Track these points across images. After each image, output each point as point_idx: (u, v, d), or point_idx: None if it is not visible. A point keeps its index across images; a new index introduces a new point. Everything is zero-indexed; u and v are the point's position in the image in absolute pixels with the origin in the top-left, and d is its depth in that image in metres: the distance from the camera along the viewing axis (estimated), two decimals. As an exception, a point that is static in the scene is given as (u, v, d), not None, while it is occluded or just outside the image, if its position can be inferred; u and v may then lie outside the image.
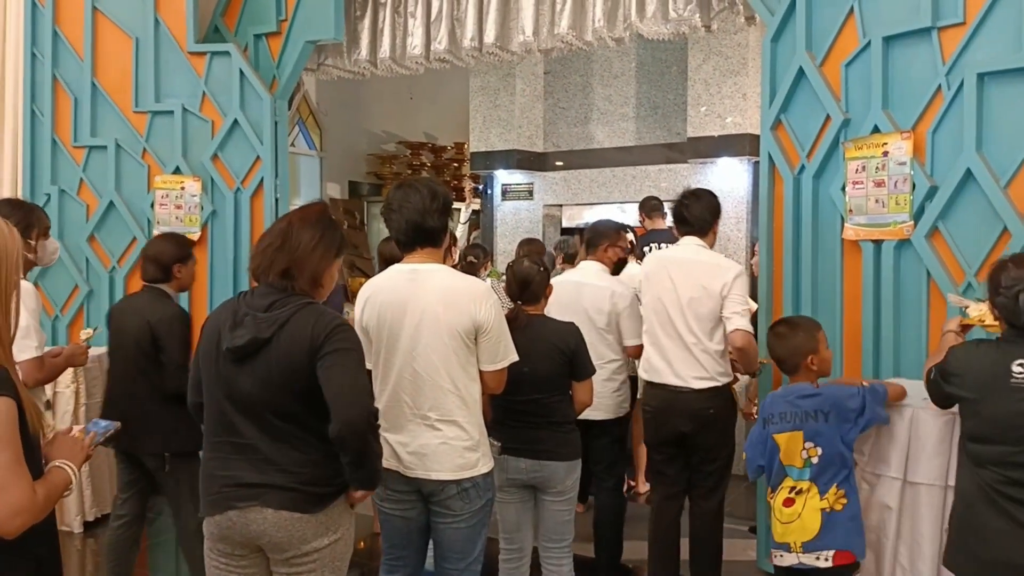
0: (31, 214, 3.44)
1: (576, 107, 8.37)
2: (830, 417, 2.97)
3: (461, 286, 2.85)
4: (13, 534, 1.79)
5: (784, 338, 3.14)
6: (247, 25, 5.74)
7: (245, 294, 2.43)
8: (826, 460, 2.97)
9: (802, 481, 2.99)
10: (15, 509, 1.78)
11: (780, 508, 3.02)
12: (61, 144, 5.86)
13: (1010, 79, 3.37)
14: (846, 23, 3.89)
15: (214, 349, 2.40)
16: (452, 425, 2.79)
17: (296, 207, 2.52)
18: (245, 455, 2.35)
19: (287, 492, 2.32)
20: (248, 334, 2.32)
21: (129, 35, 5.70)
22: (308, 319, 2.34)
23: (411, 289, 2.81)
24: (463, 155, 11.03)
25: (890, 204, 3.71)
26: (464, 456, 2.80)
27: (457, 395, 2.80)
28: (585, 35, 5.25)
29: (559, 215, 8.57)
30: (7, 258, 1.86)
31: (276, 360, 2.31)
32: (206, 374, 2.44)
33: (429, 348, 2.77)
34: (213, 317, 2.48)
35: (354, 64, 6.13)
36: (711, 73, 7.08)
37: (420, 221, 2.81)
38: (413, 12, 5.81)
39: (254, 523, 2.33)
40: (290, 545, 2.34)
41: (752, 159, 6.88)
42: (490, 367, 2.86)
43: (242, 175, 5.57)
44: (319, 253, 2.43)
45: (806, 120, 4.09)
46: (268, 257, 2.39)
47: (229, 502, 2.35)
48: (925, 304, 3.66)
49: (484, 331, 2.80)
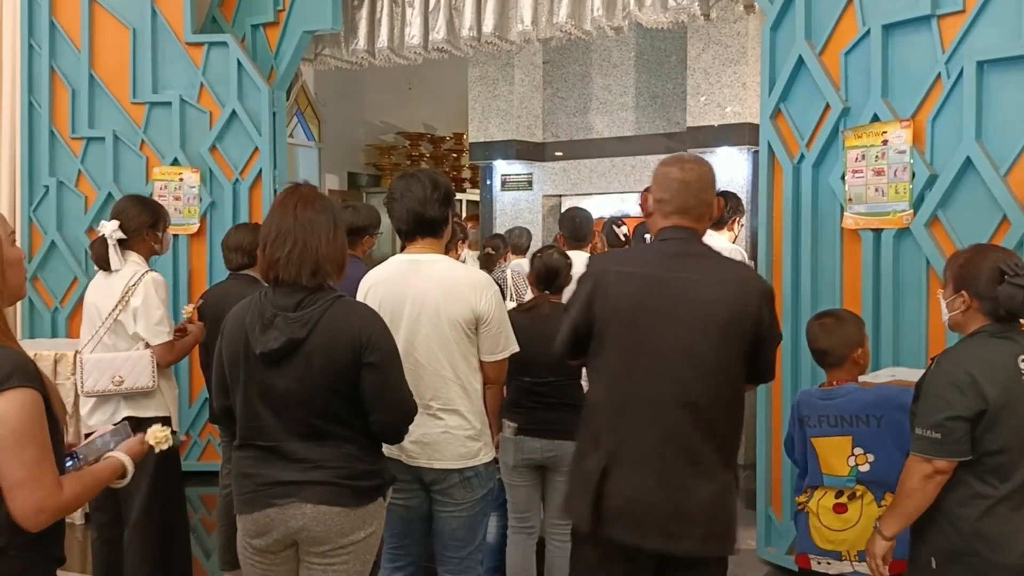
0: (159, 209, 3.65)
1: (575, 97, 8.35)
2: (883, 422, 2.74)
3: (461, 276, 2.84)
4: (34, 530, 1.78)
5: (832, 329, 2.91)
6: (244, 15, 5.73)
7: (266, 292, 2.38)
8: (879, 467, 2.75)
9: (847, 487, 2.81)
10: (39, 506, 1.75)
11: (829, 515, 2.83)
12: (59, 136, 5.85)
13: (1010, 67, 3.36)
14: (845, 11, 3.88)
15: (242, 352, 2.36)
16: (454, 414, 2.79)
17: (284, 192, 2.43)
18: (281, 455, 2.34)
19: (327, 487, 2.32)
20: (283, 336, 2.29)
21: (126, 26, 5.68)
22: (345, 316, 2.33)
23: (411, 279, 2.81)
24: (462, 145, 11.01)
25: (890, 193, 3.71)
26: (466, 445, 2.80)
27: (459, 384, 2.80)
28: (584, 24, 5.24)
29: (558, 205, 8.56)
30: None
31: (316, 359, 2.29)
32: (235, 378, 2.39)
33: (430, 338, 2.77)
34: (234, 320, 2.41)
35: (352, 54, 6.12)
36: (710, 62, 7.07)
37: (421, 211, 2.80)
38: (411, 2, 5.80)
39: (293, 519, 2.33)
40: (328, 539, 2.34)
41: (752, 148, 6.87)
42: (491, 358, 2.86)
43: (240, 166, 5.57)
44: (339, 239, 2.39)
45: (806, 109, 4.08)
46: (294, 263, 2.31)
47: (267, 500, 2.34)
48: (924, 293, 3.66)
49: (485, 321, 2.80)
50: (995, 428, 2.31)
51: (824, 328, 2.94)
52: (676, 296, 2.40)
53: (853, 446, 2.77)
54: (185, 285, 5.67)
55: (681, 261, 2.45)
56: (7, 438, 1.72)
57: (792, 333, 4.12)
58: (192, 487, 4.52)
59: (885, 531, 2.52)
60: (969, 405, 2.31)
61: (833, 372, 2.92)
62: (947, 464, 2.35)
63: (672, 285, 2.42)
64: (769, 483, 4.21)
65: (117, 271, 3.48)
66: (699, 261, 2.47)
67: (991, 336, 2.39)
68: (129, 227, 3.50)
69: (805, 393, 3.01)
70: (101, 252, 3.50)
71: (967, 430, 2.32)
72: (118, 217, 3.51)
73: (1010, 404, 2.31)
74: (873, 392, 2.82)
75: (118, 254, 3.48)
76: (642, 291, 2.43)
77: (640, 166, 7.81)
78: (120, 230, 3.48)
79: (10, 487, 1.73)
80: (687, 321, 2.38)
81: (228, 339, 2.41)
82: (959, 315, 2.47)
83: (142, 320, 3.44)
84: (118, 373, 3.42)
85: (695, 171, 2.49)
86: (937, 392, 2.37)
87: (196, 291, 5.46)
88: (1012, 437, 2.32)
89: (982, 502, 2.35)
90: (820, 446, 2.83)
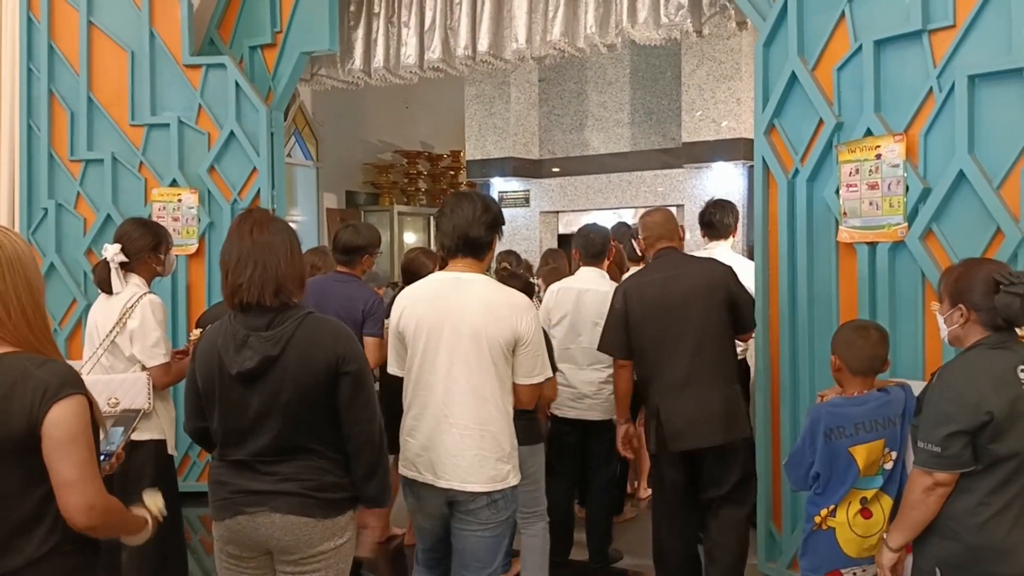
0: (160, 232, 3.67)
1: (571, 114, 8.40)
2: (903, 418, 2.83)
3: (502, 297, 2.87)
4: (83, 527, 1.90)
5: (875, 341, 2.93)
6: (242, 37, 5.76)
7: (235, 315, 2.44)
8: (898, 464, 2.84)
9: (871, 489, 2.84)
10: (90, 503, 1.89)
11: (858, 522, 2.84)
12: (58, 158, 5.87)
13: (1001, 81, 3.38)
14: (837, 27, 3.91)
15: (216, 373, 2.43)
16: (488, 435, 2.79)
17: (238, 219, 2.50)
18: (253, 468, 2.43)
19: (296, 498, 2.39)
20: (257, 355, 2.36)
21: (124, 48, 5.71)
22: (318, 331, 2.42)
23: (452, 297, 2.83)
24: (459, 163, 11.05)
25: (884, 206, 3.73)
26: (497, 468, 2.81)
27: (495, 405, 2.81)
28: (577, 42, 5.27)
29: (555, 221, 8.59)
30: (32, 263, 1.98)
31: (291, 375, 2.37)
32: (210, 399, 2.46)
33: (470, 357, 2.78)
34: (207, 342, 2.49)
35: (348, 74, 6.15)
36: (705, 78, 7.11)
37: (467, 230, 2.84)
38: (407, 22, 5.84)
39: (263, 527, 2.40)
40: (297, 548, 2.41)
41: (747, 163, 6.91)
42: (525, 380, 2.86)
43: (239, 186, 5.59)
44: (297, 257, 2.47)
45: (799, 124, 4.10)
46: (256, 285, 2.38)
47: (238, 507, 2.43)
48: (920, 305, 3.67)
49: (524, 343, 2.81)
50: (1003, 437, 2.34)
51: (868, 339, 2.94)
52: (680, 284, 3.67)
53: (885, 447, 2.83)
54: (184, 305, 5.67)
55: (676, 264, 3.80)
56: (62, 440, 1.86)
57: (790, 348, 4.13)
58: (191, 507, 4.50)
59: (891, 543, 2.55)
60: (970, 419, 2.33)
61: (865, 380, 2.93)
62: (948, 477, 2.37)
63: (676, 279, 3.70)
64: (770, 498, 4.21)
65: (118, 294, 3.49)
66: (687, 261, 3.90)
67: (990, 348, 2.42)
68: (131, 250, 3.51)
69: (828, 406, 2.94)
70: (103, 275, 3.51)
71: (967, 443, 2.34)
72: (120, 240, 3.53)
73: (1014, 414, 2.34)
74: (890, 391, 2.89)
75: (120, 277, 3.49)
76: (661, 287, 3.69)
77: (636, 182, 7.84)
78: (122, 253, 3.49)
79: (63, 486, 1.87)
80: (690, 298, 3.64)
81: (201, 362, 2.48)
82: (958, 328, 2.50)
83: (138, 342, 3.45)
84: (114, 395, 3.42)
85: (664, 213, 3.96)
86: (939, 406, 2.40)
87: (194, 311, 5.47)
88: (1022, 443, 2.35)
89: (986, 510, 2.37)
90: (859, 453, 2.82)
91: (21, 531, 1.88)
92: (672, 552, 3.82)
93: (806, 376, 4.07)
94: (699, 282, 3.67)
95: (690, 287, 3.66)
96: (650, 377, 3.72)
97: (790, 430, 4.11)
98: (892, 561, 2.55)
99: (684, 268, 3.76)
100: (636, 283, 3.79)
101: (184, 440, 5.44)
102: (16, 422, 1.85)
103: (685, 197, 7.59)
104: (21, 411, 1.85)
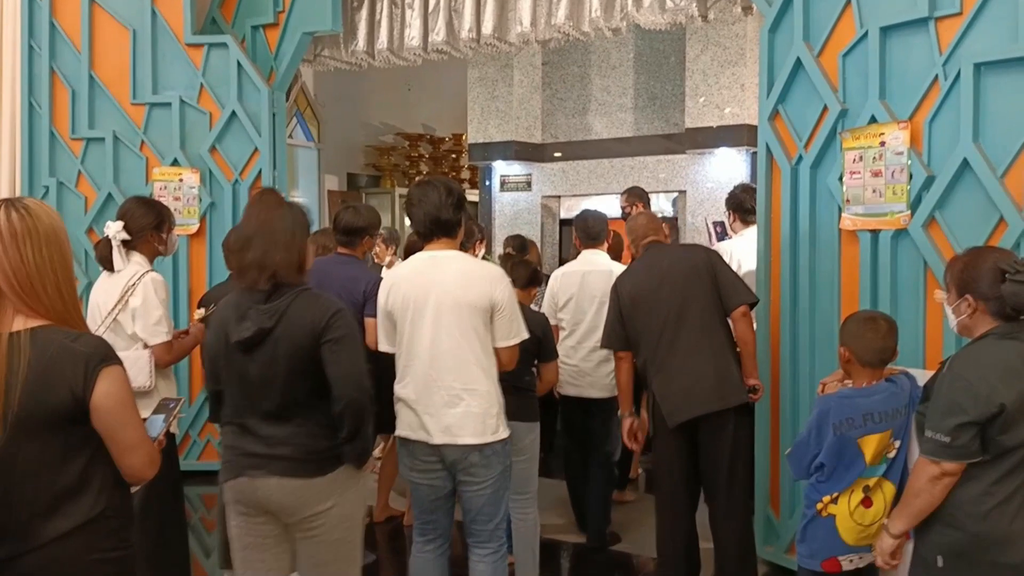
0: (163, 211, 3.68)
1: (574, 98, 8.37)
2: (908, 407, 2.83)
3: (477, 268, 3.19)
4: (144, 481, 2.06)
5: (885, 332, 2.89)
6: (244, 16, 5.74)
7: (243, 292, 2.68)
8: (901, 451, 2.84)
9: (872, 478, 2.84)
10: (153, 458, 2.05)
11: (859, 511, 2.85)
12: (59, 136, 5.86)
13: (1006, 69, 3.37)
14: (843, 13, 3.89)
15: (223, 341, 2.67)
16: (474, 394, 3.05)
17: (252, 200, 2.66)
18: (255, 432, 2.65)
19: (289, 461, 2.61)
20: (254, 326, 2.59)
21: (126, 27, 5.69)
22: (308, 306, 2.62)
23: (432, 272, 3.11)
24: (461, 146, 11.03)
25: (887, 194, 3.72)
26: (484, 423, 3.06)
27: (479, 366, 3.07)
28: (582, 25, 5.25)
29: (557, 206, 8.58)
30: (66, 237, 2.04)
31: (282, 345, 2.59)
32: (214, 364, 2.74)
33: (452, 324, 3.04)
34: (218, 315, 2.76)
35: (351, 55, 6.14)
36: (709, 64, 7.08)
37: (437, 214, 3.12)
38: (411, 3, 5.82)
39: (261, 489, 2.63)
40: (295, 509, 2.63)
41: (750, 149, 6.89)
42: (504, 343, 3.14)
43: (240, 167, 5.58)
44: (297, 244, 2.66)
45: (804, 110, 4.09)
46: (254, 270, 2.61)
47: (241, 469, 2.66)
48: (922, 293, 3.67)
49: (499, 309, 3.09)
50: (1012, 428, 2.33)
51: (879, 330, 2.90)
52: (662, 269, 3.83)
53: (892, 436, 2.84)
54: (185, 285, 5.68)
55: (661, 253, 3.97)
56: (115, 409, 1.96)
57: (791, 334, 4.14)
58: (192, 486, 4.53)
59: (892, 529, 2.56)
60: (981, 411, 2.32)
61: (875, 371, 2.90)
62: (955, 467, 2.37)
63: (660, 265, 3.87)
64: (767, 483, 4.22)
65: (120, 271, 3.50)
66: (672, 249, 4.20)
67: (1000, 338, 2.40)
68: (133, 228, 3.52)
69: (838, 397, 2.91)
70: (105, 253, 3.51)
71: (976, 434, 2.34)
72: (123, 218, 3.53)
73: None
74: (896, 380, 2.88)
75: (122, 255, 3.49)
76: (646, 273, 3.87)
77: (639, 167, 7.82)
78: (124, 231, 3.49)
79: (129, 449, 2.00)
80: (673, 278, 3.79)
81: (212, 333, 2.78)
82: (966, 319, 2.49)
83: (140, 320, 3.46)
84: None
85: (648, 215, 4.28)
86: (949, 396, 2.39)
87: (195, 290, 5.48)
88: None
89: (990, 499, 2.36)
90: (867, 444, 2.81)
91: (67, 497, 1.95)
92: (672, 538, 3.85)
93: (807, 363, 4.08)
94: (681, 265, 3.84)
95: (671, 269, 3.84)
96: (646, 360, 3.83)
97: (790, 416, 4.13)
98: (892, 547, 2.56)
99: (668, 255, 3.97)
100: (625, 276, 3.99)
101: (184, 420, 5.49)
102: (58, 395, 1.91)
103: (687, 183, 7.58)
104: (63, 383, 1.91)
